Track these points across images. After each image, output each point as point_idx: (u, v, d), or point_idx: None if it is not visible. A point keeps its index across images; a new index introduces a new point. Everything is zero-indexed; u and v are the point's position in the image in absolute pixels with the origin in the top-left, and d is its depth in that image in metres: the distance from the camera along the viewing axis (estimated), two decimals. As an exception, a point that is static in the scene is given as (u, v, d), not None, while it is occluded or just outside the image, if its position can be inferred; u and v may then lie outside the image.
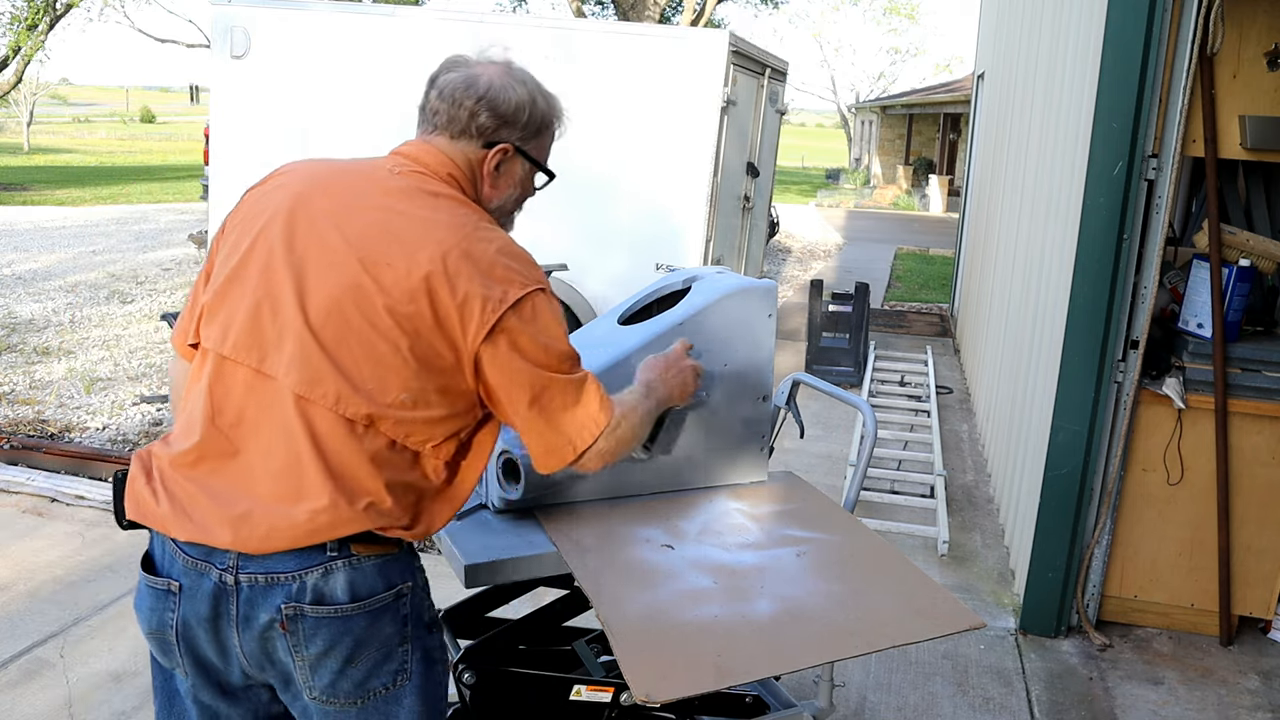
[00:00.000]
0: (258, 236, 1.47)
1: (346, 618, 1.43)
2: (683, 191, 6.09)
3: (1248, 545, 3.32)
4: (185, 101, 77.32)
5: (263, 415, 1.43)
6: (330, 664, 1.43)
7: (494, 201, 1.60)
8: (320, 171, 1.54)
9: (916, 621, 1.73)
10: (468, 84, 1.53)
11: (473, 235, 1.45)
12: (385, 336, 1.40)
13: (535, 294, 1.46)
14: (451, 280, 1.40)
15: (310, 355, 1.41)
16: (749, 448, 2.21)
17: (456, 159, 1.55)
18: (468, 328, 1.41)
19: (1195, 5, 2.90)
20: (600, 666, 2.19)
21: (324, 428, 1.40)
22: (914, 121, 28.40)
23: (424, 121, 1.58)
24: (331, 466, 1.40)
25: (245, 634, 1.43)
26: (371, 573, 1.45)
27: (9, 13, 18.65)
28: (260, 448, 1.42)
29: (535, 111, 1.57)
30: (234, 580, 1.41)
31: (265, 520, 1.39)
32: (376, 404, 1.40)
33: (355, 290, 1.41)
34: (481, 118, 1.53)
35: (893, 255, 14.12)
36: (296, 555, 1.41)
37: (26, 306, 8.05)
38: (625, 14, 18.10)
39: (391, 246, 1.42)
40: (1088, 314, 3.16)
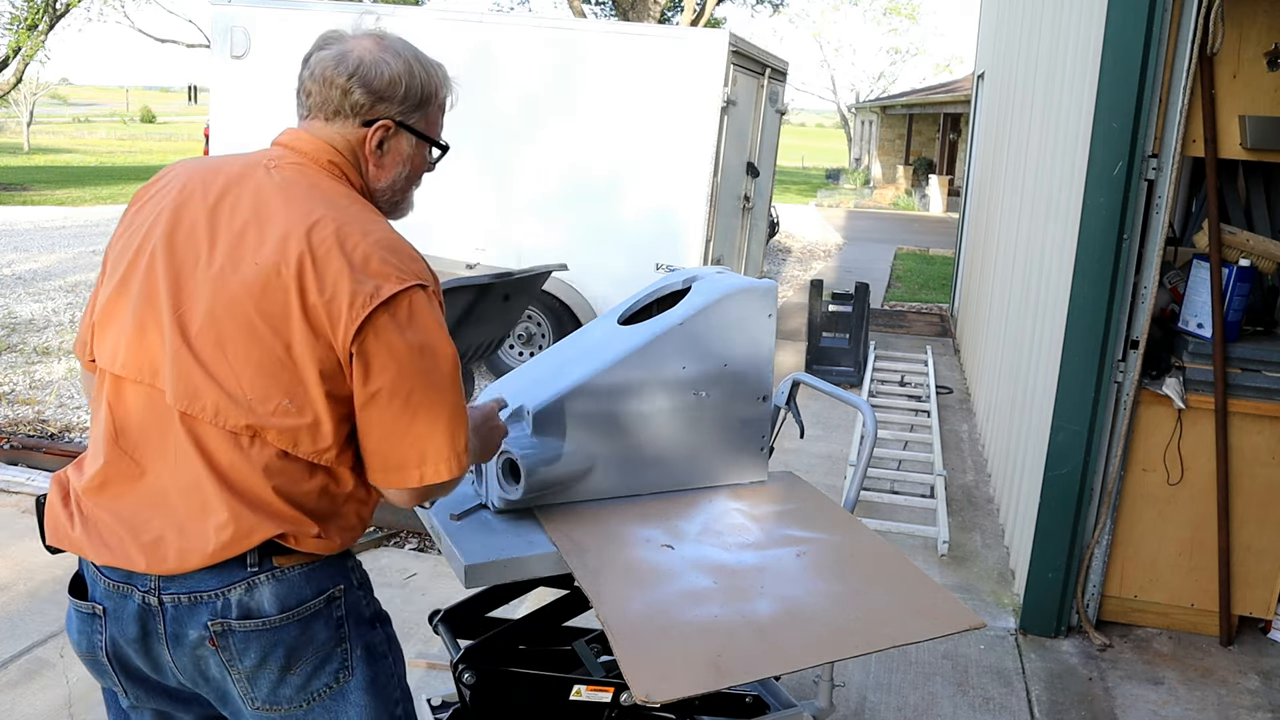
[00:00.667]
0: (139, 245, 1.41)
1: (276, 629, 1.39)
2: (683, 191, 6.09)
3: (1248, 545, 3.32)
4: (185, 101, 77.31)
5: (163, 433, 1.38)
6: (267, 674, 1.41)
7: (381, 182, 1.51)
8: (198, 172, 1.46)
9: (916, 621, 1.73)
10: (338, 60, 1.45)
11: (346, 227, 1.36)
12: (260, 341, 1.33)
13: (413, 290, 1.36)
14: (320, 274, 1.32)
15: (186, 368, 1.34)
16: (749, 448, 2.21)
17: (336, 142, 1.46)
18: (337, 325, 1.32)
19: (1195, 5, 2.90)
20: (600, 666, 2.19)
21: (211, 442, 1.35)
22: (914, 121, 28.39)
23: (299, 105, 1.50)
24: (226, 481, 1.35)
25: (176, 651, 1.40)
26: (299, 582, 1.41)
27: (9, 13, 18.66)
28: (165, 467, 1.38)
29: (413, 83, 1.48)
30: (158, 601, 1.38)
31: (175, 541, 1.36)
32: (256, 414, 1.33)
33: (227, 295, 1.34)
34: (355, 95, 1.44)
35: (893, 255, 14.12)
36: (217, 573, 1.37)
37: (26, 306, 8.05)
38: (625, 14, 18.11)
39: (260, 246, 1.35)
40: (1088, 314, 3.16)
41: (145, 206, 1.46)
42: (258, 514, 1.35)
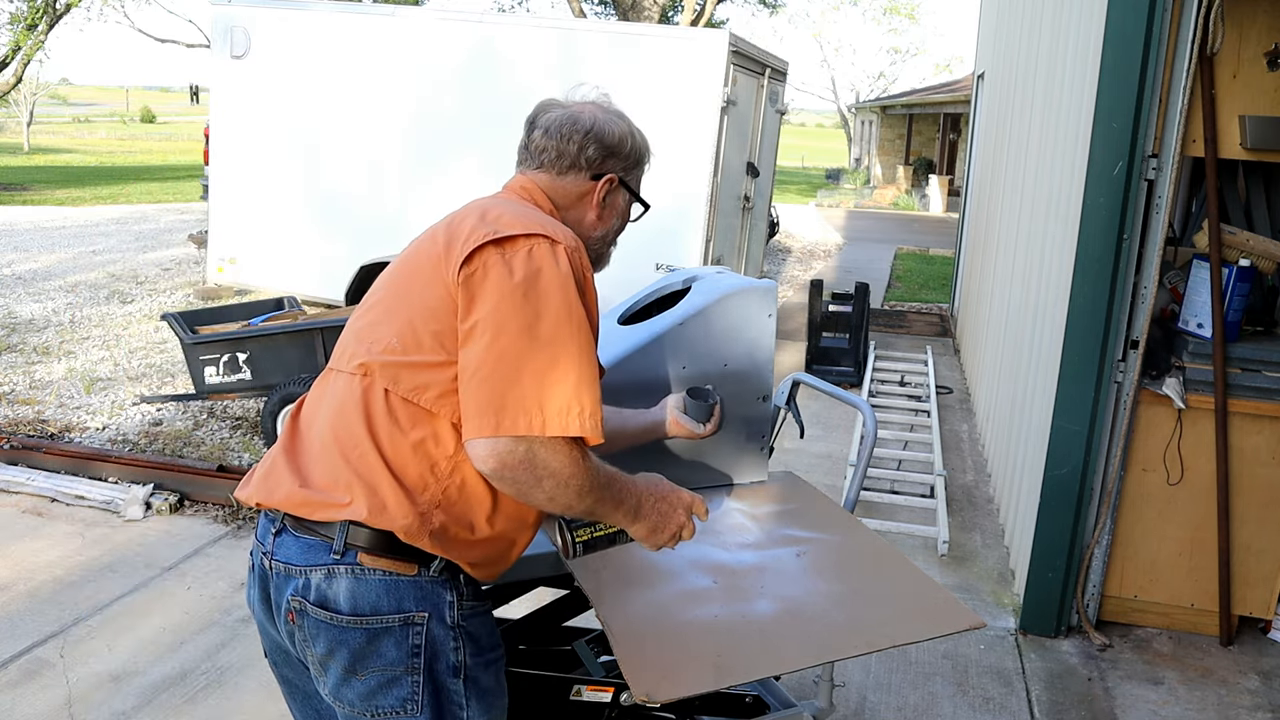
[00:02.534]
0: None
1: (343, 629, 1.39)
2: (683, 191, 6.09)
3: (1248, 545, 3.32)
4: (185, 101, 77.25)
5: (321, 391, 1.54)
6: (334, 669, 1.41)
7: (598, 231, 1.65)
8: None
9: (916, 621, 1.73)
10: (574, 120, 1.60)
11: (500, 206, 1.50)
12: (393, 290, 1.49)
13: (537, 239, 1.38)
14: (456, 224, 1.47)
15: (347, 335, 1.53)
16: (749, 448, 2.21)
17: (554, 193, 1.61)
18: (451, 257, 1.40)
19: (1195, 5, 2.90)
20: (600, 666, 2.19)
21: (339, 390, 1.47)
22: (914, 121, 28.39)
23: (529, 159, 1.63)
24: (335, 430, 1.43)
25: (278, 615, 1.47)
26: (377, 588, 1.39)
27: (9, 13, 18.65)
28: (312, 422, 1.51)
29: (634, 144, 1.65)
30: (269, 564, 1.46)
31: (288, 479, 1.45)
32: (371, 353, 1.44)
33: (393, 271, 1.53)
34: (590, 150, 1.60)
35: (893, 255, 14.12)
36: (306, 549, 1.41)
37: (26, 306, 8.05)
38: (625, 14, 18.11)
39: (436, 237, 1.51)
40: (1088, 314, 3.16)
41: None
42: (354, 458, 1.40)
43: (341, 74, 7.08)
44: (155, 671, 2.96)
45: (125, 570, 3.58)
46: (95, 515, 4.04)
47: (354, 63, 7.04)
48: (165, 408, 5.60)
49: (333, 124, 7.19)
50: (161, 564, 3.65)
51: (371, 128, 7.06)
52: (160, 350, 6.90)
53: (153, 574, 3.58)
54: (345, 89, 7.10)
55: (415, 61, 6.81)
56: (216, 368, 4.89)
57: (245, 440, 5.12)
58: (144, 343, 7.11)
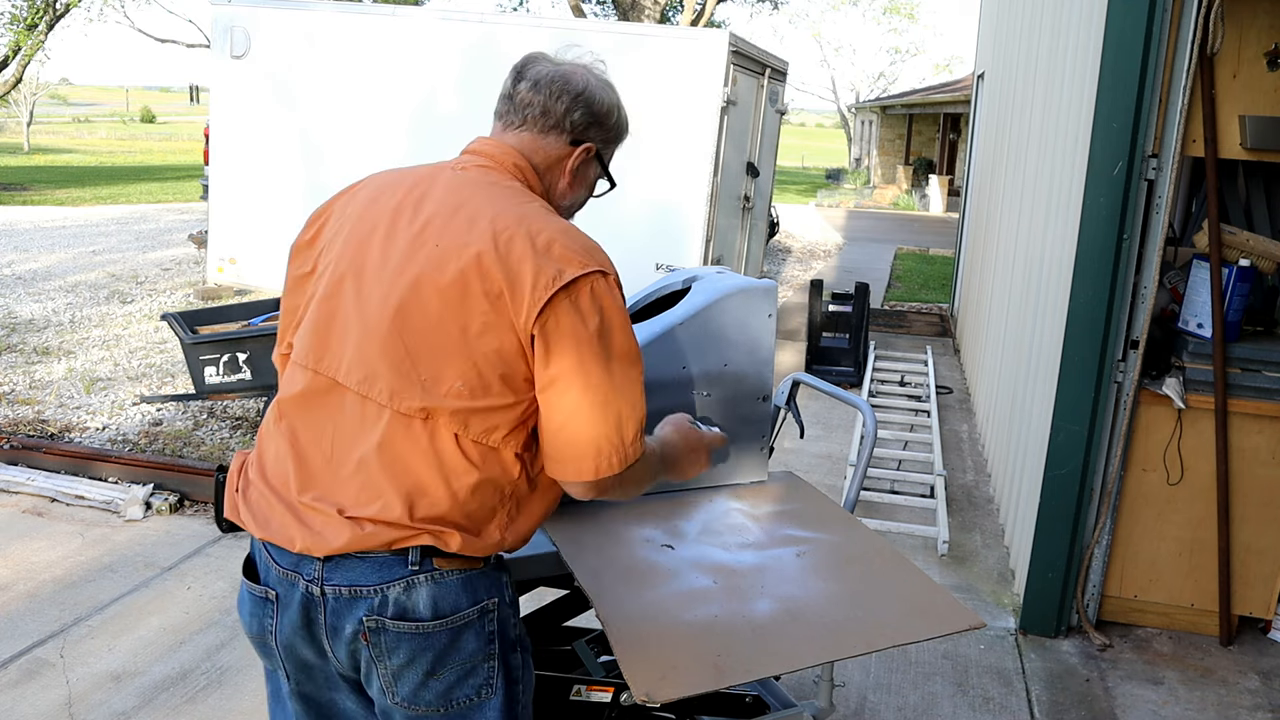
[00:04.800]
0: (330, 244, 1.51)
1: (428, 634, 1.40)
2: (683, 191, 6.10)
3: (1248, 545, 3.32)
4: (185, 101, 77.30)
5: (333, 417, 1.44)
6: (412, 675, 1.42)
7: (566, 199, 1.60)
8: (389, 178, 1.55)
9: (916, 621, 1.73)
10: (565, 79, 1.53)
11: (529, 216, 1.42)
12: (437, 323, 1.37)
13: (595, 276, 1.39)
14: (502, 255, 1.36)
15: (367, 353, 1.40)
16: (749, 448, 2.21)
17: (531, 154, 1.54)
18: (520, 306, 1.35)
19: (1195, 5, 2.90)
20: (600, 666, 2.19)
21: (384, 427, 1.39)
22: (914, 121, 28.39)
23: (511, 113, 1.55)
24: (394, 467, 1.38)
25: (334, 641, 1.43)
26: (456, 588, 1.41)
27: (9, 13, 18.65)
28: (329, 449, 1.43)
29: (620, 118, 1.60)
30: (320, 591, 1.41)
31: (334, 524, 1.39)
32: (432, 396, 1.37)
33: (408, 281, 1.39)
34: (576, 114, 1.53)
35: (893, 255, 14.12)
36: (378, 567, 1.39)
37: (26, 306, 8.05)
38: (625, 14, 18.11)
39: (444, 233, 1.41)
40: (1088, 314, 3.16)
41: (335, 212, 1.54)
42: (420, 501, 1.37)
43: (341, 74, 7.08)
44: (155, 671, 2.96)
45: (125, 570, 3.58)
46: (95, 515, 4.04)
47: (354, 62, 7.04)
48: (165, 408, 5.60)
49: (333, 124, 7.19)
50: (161, 564, 3.65)
51: (371, 128, 7.06)
52: (160, 350, 6.90)
53: (153, 574, 3.58)
54: (345, 89, 7.10)
55: (415, 61, 6.81)
56: (216, 368, 4.89)
57: (245, 440, 5.12)
58: (144, 343, 7.11)
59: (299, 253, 1.57)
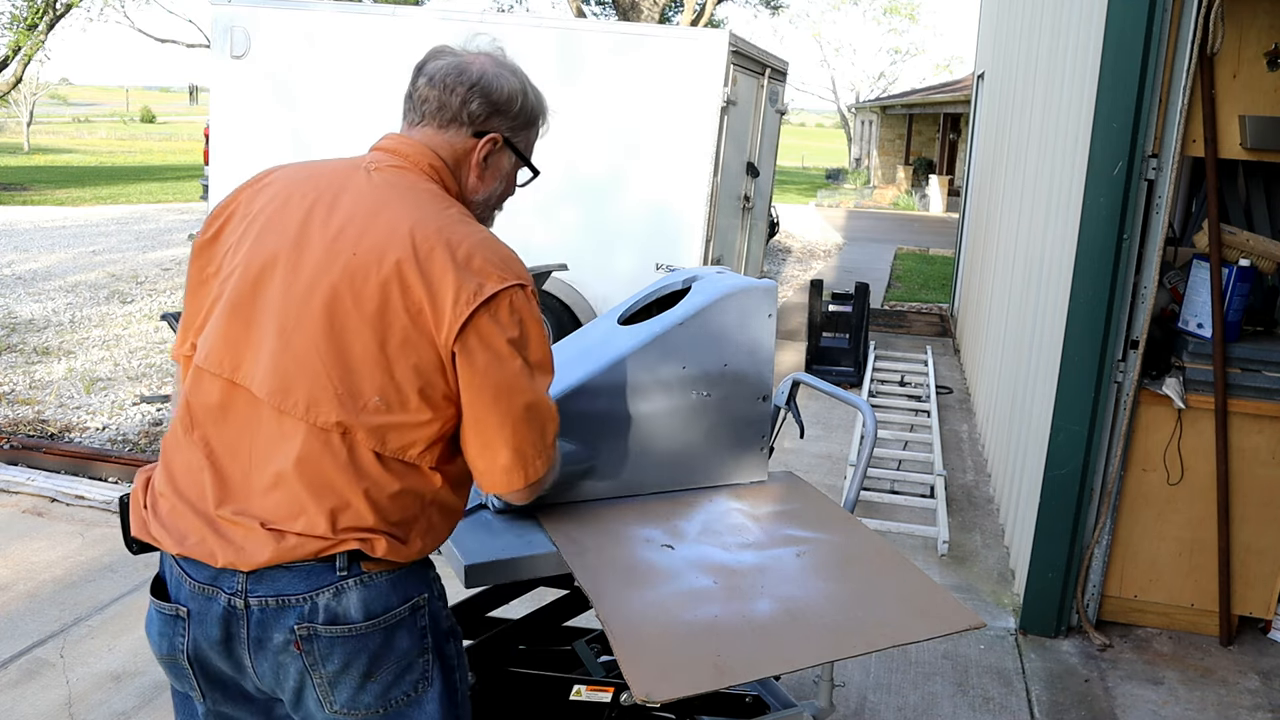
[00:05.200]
0: (235, 244, 1.44)
1: (362, 635, 1.40)
2: (683, 191, 6.09)
3: (1248, 545, 3.32)
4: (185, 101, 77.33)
5: (247, 429, 1.39)
6: (348, 680, 1.41)
7: (479, 194, 1.55)
8: (299, 174, 1.49)
9: (916, 621, 1.73)
10: (459, 70, 1.49)
11: (448, 226, 1.39)
12: (356, 336, 1.34)
13: (514, 290, 1.39)
14: (423, 268, 1.34)
15: (282, 365, 1.36)
16: (749, 448, 2.21)
17: (440, 150, 1.50)
18: (441, 322, 1.34)
19: (1195, 5, 2.90)
20: (600, 666, 2.20)
21: (301, 440, 1.35)
22: (914, 121, 28.39)
23: (411, 110, 1.53)
24: (313, 480, 1.35)
25: (258, 655, 1.40)
26: (385, 589, 1.41)
27: (9, 13, 18.66)
28: (245, 462, 1.39)
29: (526, 103, 1.53)
30: (244, 604, 1.38)
31: (256, 538, 1.36)
32: (348, 410, 1.34)
33: (325, 291, 1.35)
34: (473, 105, 1.48)
35: (893, 255, 14.12)
36: (306, 576, 1.37)
37: (26, 306, 8.05)
38: (625, 14, 18.11)
39: (360, 242, 1.36)
40: (1088, 314, 3.16)
41: (239, 210, 1.48)
42: (343, 514, 1.36)
43: (342, 74, 7.07)
44: (155, 671, 2.96)
45: (125, 570, 3.58)
46: (95, 515, 4.04)
47: (354, 63, 7.03)
48: (165, 408, 5.60)
49: (333, 124, 7.18)
50: (161, 564, 3.65)
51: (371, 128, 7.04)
52: (160, 350, 6.90)
53: (152, 574, 3.57)
54: (345, 89, 7.10)
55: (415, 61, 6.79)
56: (216, 368, 4.89)
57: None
58: (144, 343, 7.11)
59: (202, 251, 1.49)
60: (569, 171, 6.18)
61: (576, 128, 6.16)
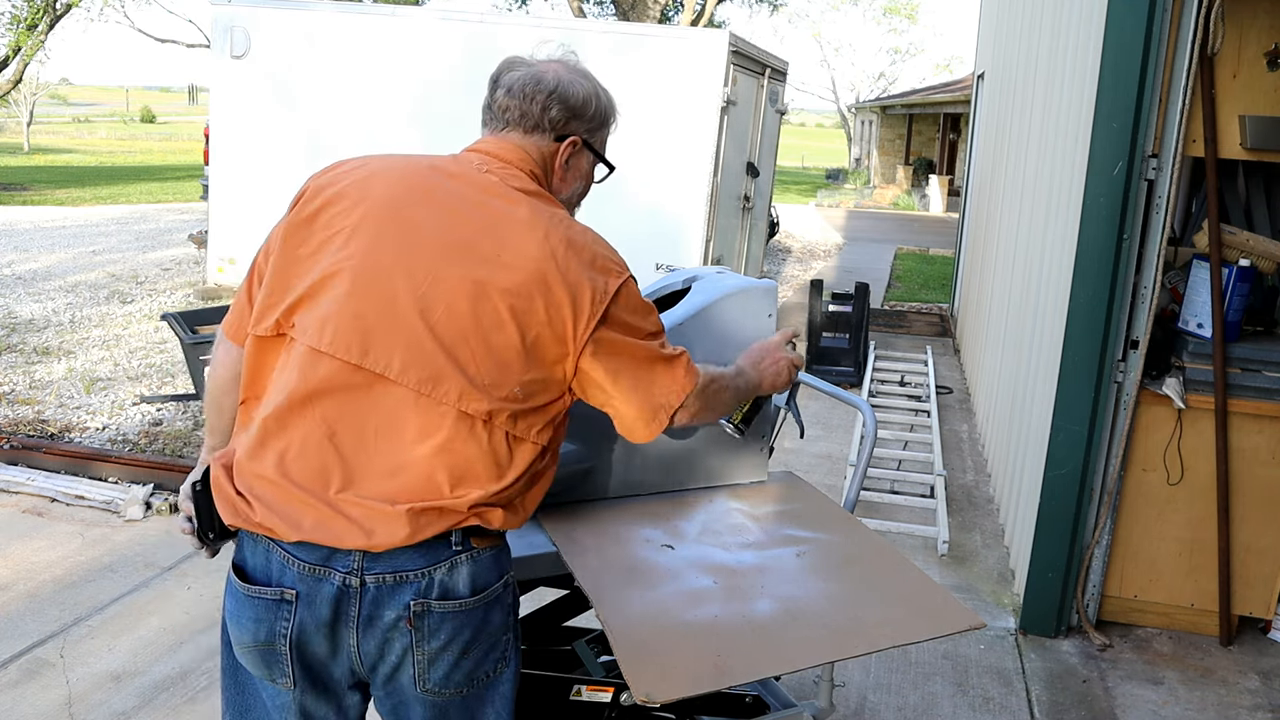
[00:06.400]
0: (357, 228, 1.46)
1: (468, 611, 1.46)
2: (683, 191, 6.10)
3: (1248, 545, 3.32)
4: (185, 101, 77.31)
5: (375, 414, 1.43)
6: (447, 657, 1.46)
7: (563, 194, 1.64)
8: (411, 166, 1.55)
9: (916, 621, 1.73)
10: (537, 79, 1.57)
11: (569, 230, 1.51)
12: (502, 331, 1.43)
13: (628, 280, 1.53)
14: (563, 272, 1.45)
15: (429, 354, 1.42)
16: (749, 448, 2.21)
17: (531, 153, 1.59)
18: (579, 319, 1.46)
19: (1195, 5, 2.90)
20: (600, 666, 2.19)
21: (449, 425, 1.42)
22: (914, 121, 28.39)
23: (493, 119, 1.61)
24: (451, 463, 1.42)
25: (366, 633, 1.43)
26: (488, 564, 1.49)
27: (9, 13, 18.66)
28: (373, 445, 1.43)
29: (599, 105, 1.63)
30: (359, 582, 1.41)
31: (384, 518, 1.40)
32: (494, 399, 1.44)
33: (471, 287, 1.43)
34: (553, 111, 1.57)
35: (893, 255, 14.12)
36: (424, 551, 1.42)
37: (26, 306, 8.04)
38: (625, 14, 18.11)
39: (502, 242, 1.45)
40: (1088, 314, 3.16)
41: (347, 194, 1.50)
42: (477, 493, 1.43)
43: (341, 74, 7.08)
44: (155, 671, 2.96)
45: (125, 570, 3.58)
46: (95, 515, 4.04)
47: (354, 62, 7.04)
48: (165, 408, 5.60)
49: (333, 124, 7.18)
50: (161, 564, 3.65)
51: (371, 128, 7.05)
52: (160, 350, 6.89)
53: (152, 574, 3.58)
54: (345, 89, 7.10)
55: (415, 61, 6.81)
56: (216, 368, 4.88)
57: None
58: (144, 343, 7.11)
59: (296, 230, 1.50)
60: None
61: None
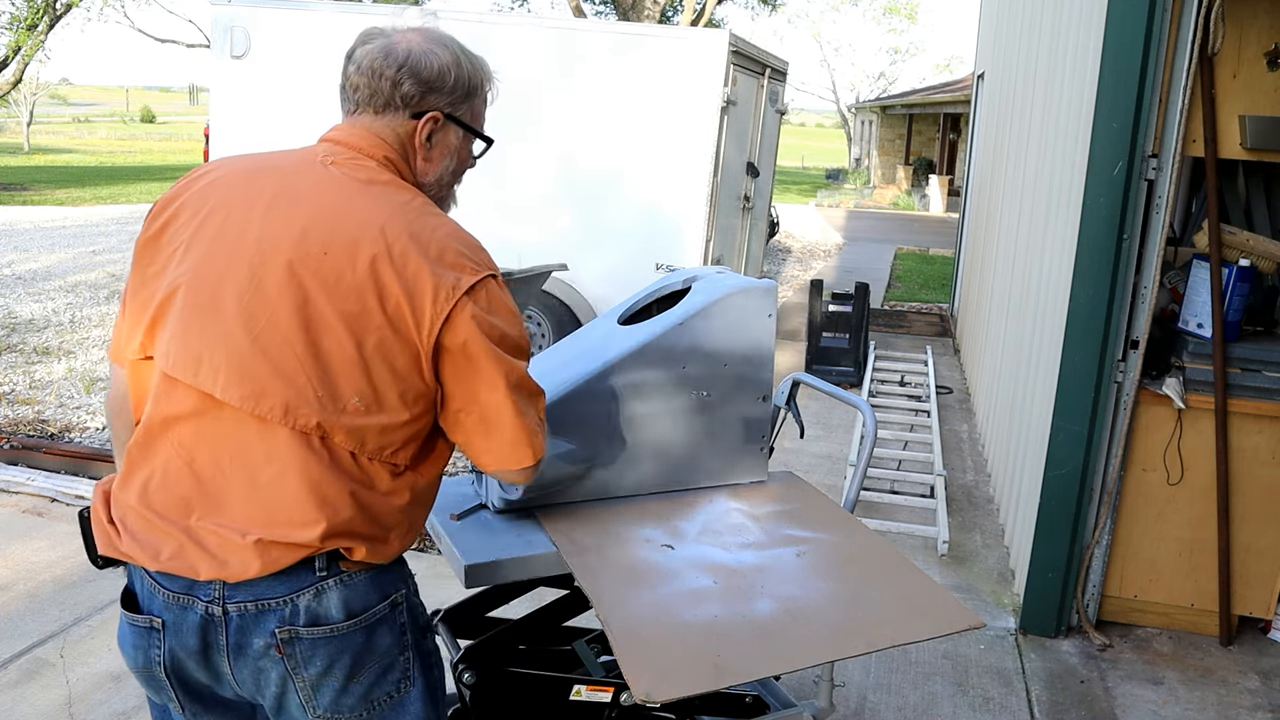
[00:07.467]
0: (188, 243, 1.37)
1: (343, 635, 1.38)
2: (683, 191, 6.09)
3: (1248, 545, 3.32)
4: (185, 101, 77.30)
5: (222, 435, 1.34)
6: (331, 683, 1.39)
7: (429, 175, 1.50)
8: (251, 168, 1.43)
9: (916, 621, 1.73)
10: (385, 52, 1.43)
11: (416, 220, 1.36)
12: (331, 338, 1.31)
13: (488, 280, 1.38)
14: (398, 268, 1.31)
15: (252, 368, 1.31)
16: (749, 448, 2.21)
17: (386, 136, 1.45)
18: (421, 319, 1.32)
19: (1195, 5, 2.90)
20: (600, 666, 2.20)
21: (283, 445, 1.32)
22: (914, 121, 28.39)
23: (345, 100, 1.49)
24: (293, 487, 1.33)
25: (238, 662, 1.38)
26: (365, 586, 1.40)
27: (9, 13, 18.67)
28: (223, 470, 1.34)
29: (461, 74, 1.47)
30: (222, 610, 1.35)
31: (239, 547, 1.33)
32: (327, 412, 1.32)
33: (297, 293, 1.31)
34: (405, 86, 1.43)
35: (893, 255, 14.12)
36: (286, 579, 1.35)
37: (26, 306, 8.05)
38: (625, 14, 18.12)
39: (331, 239, 1.33)
40: (1088, 314, 3.15)
41: (187, 205, 1.40)
42: (327, 518, 1.33)
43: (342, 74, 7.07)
44: (155, 671, 2.96)
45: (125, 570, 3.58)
46: (95, 515, 4.03)
47: (354, 63, 7.03)
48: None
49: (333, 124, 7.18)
50: (161, 564, 3.65)
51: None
52: (160, 350, 6.89)
53: (153, 574, 3.58)
54: (345, 89, 7.10)
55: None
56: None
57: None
58: (144, 343, 7.11)
59: (145, 249, 1.41)
60: (569, 171, 6.19)
61: (577, 128, 6.16)
